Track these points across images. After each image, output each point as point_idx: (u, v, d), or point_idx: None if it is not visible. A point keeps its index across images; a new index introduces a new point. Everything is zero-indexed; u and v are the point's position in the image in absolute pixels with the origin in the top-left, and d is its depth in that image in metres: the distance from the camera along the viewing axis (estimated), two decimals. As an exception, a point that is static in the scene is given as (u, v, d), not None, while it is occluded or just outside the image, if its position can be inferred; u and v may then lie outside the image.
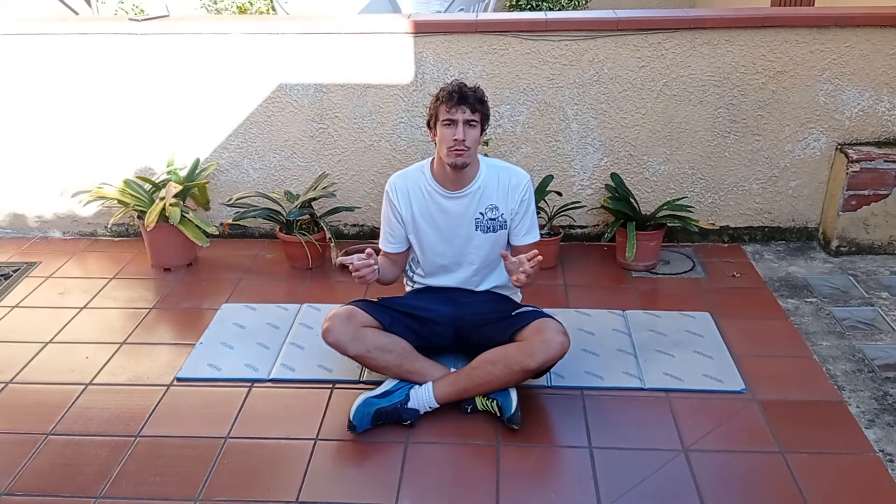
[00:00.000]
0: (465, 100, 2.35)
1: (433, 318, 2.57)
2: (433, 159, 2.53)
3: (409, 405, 2.39)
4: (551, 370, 2.48)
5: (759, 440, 2.31)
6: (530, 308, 2.53)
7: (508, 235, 2.57)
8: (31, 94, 3.57)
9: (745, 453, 2.25)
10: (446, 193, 2.50)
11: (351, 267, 2.30)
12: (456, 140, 2.36)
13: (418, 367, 2.48)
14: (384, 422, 2.38)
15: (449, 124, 2.37)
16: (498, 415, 2.39)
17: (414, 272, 2.71)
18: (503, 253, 2.38)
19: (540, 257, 2.28)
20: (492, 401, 2.40)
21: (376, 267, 2.35)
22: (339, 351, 2.43)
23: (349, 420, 2.34)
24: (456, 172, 2.43)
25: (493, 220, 2.53)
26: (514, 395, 2.39)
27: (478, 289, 2.64)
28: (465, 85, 2.39)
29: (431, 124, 2.46)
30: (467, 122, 2.36)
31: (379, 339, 2.45)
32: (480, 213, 2.52)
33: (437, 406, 2.41)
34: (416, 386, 2.43)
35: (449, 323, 2.58)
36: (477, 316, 2.57)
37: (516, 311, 2.53)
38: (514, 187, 2.51)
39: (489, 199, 2.50)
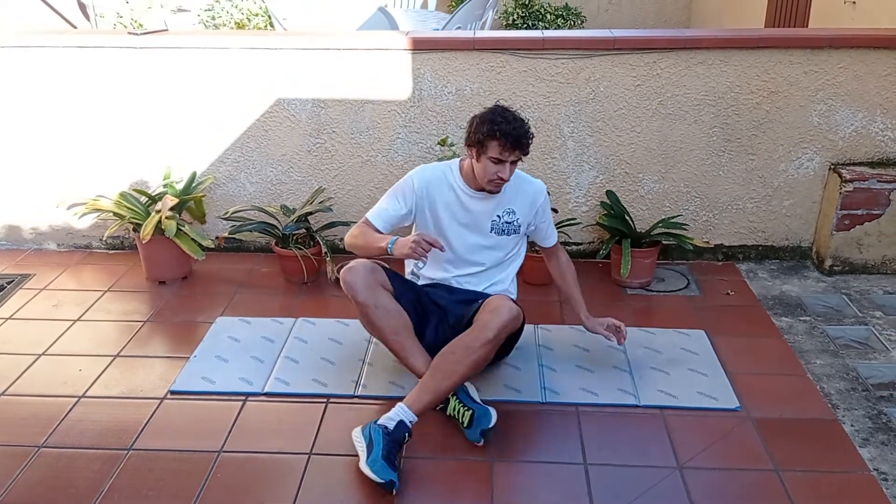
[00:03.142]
0: (521, 147, 2.43)
1: (431, 309, 2.64)
2: (463, 161, 2.62)
3: (394, 428, 2.27)
4: (509, 352, 2.63)
5: (754, 458, 2.31)
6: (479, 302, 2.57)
7: (533, 240, 2.78)
8: (28, 107, 3.58)
9: (740, 471, 2.25)
10: (473, 193, 2.59)
11: (427, 238, 2.37)
12: (501, 178, 2.47)
13: (408, 344, 2.52)
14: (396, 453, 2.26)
15: (497, 162, 2.44)
16: (465, 425, 2.35)
17: (419, 269, 2.74)
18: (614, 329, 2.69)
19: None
20: (467, 409, 2.36)
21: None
22: (350, 293, 2.47)
23: (381, 483, 2.15)
24: None
25: (509, 223, 2.63)
26: (493, 412, 2.35)
27: (478, 288, 2.68)
28: (522, 126, 2.43)
29: (475, 148, 2.46)
30: (513, 162, 2.46)
31: (389, 301, 2.51)
32: (497, 216, 2.61)
33: (416, 418, 2.31)
34: (390, 417, 2.29)
35: (440, 320, 2.64)
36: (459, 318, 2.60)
37: (476, 302, 2.57)
38: (533, 197, 2.66)
39: (510, 202, 2.62)
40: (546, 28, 7.13)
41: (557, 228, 3.45)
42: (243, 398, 2.60)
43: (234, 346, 2.91)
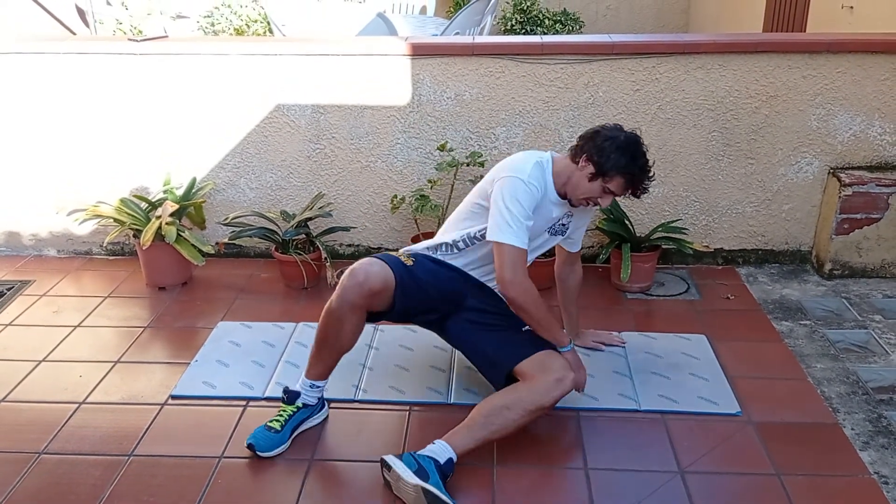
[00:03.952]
0: (638, 194, 2.45)
1: (442, 286, 2.46)
2: (554, 163, 2.44)
3: (445, 462, 2.17)
4: None
5: (755, 462, 2.31)
6: (529, 329, 2.45)
7: (564, 243, 2.69)
8: (28, 113, 3.58)
9: (741, 475, 2.25)
10: (557, 200, 2.47)
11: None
12: (599, 205, 2.46)
13: (324, 355, 2.38)
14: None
15: (607, 193, 2.39)
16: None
17: (445, 253, 2.53)
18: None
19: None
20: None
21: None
22: (341, 292, 2.26)
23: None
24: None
25: (564, 226, 2.57)
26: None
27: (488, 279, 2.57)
28: (651, 175, 2.43)
29: (595, 171, 2.34)
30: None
31: (354, 328, 2.31)
32: (557, 217, 2.52)
33: (454, 457, 2.19)
34: (435, 452, 2.19)
35: (451, 300, 2.49)
36: (483, 307, 2.49)
37: (525, 328, 2.45)
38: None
39: (572, 207, 2.52)
40: (544, 33, 7.16)
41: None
42: (244, 403, 2.60)
43: (234, 350, 2.91)
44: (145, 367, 2.84)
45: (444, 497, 2.05)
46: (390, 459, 2.15)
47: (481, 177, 3.40)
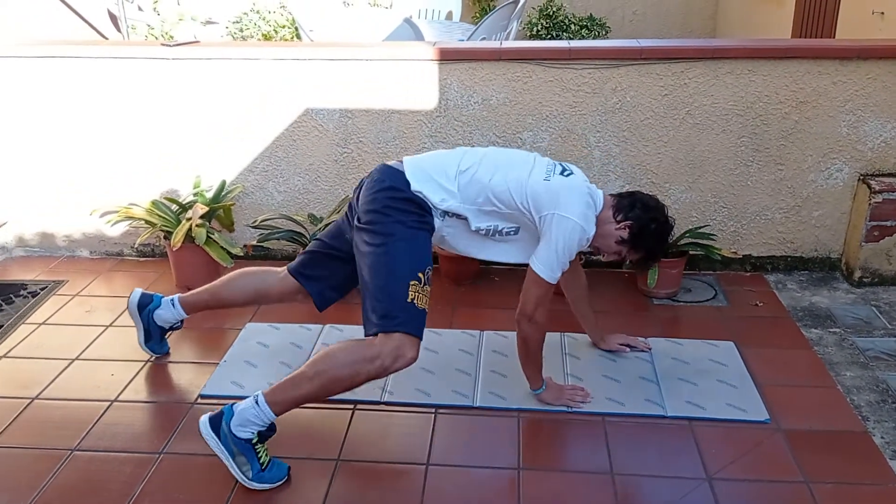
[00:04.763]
0: None
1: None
2: (601, 211, 2.46)
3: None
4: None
5: (784, 470, 2.29)
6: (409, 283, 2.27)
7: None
8: (63, 116, 3.65)
9: (770, 483, 2.24)
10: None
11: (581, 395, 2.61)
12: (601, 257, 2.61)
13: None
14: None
15: (618, 255, 2.52)
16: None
17: (443, 219, 2.44)
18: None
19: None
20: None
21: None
22: None
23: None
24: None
25: None
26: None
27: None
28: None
29: (631, 243, 2.45)
30: None
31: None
32: None
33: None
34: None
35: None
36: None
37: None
38: None
39: None
40: (570, 38, 7.16)
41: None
42: (272, 404, 2.63)
43: (262, 351, 2.94)
44: (175, 367, 2.88)
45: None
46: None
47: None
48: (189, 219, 3.38)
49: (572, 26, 7.41)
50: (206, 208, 3.44)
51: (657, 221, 2.47)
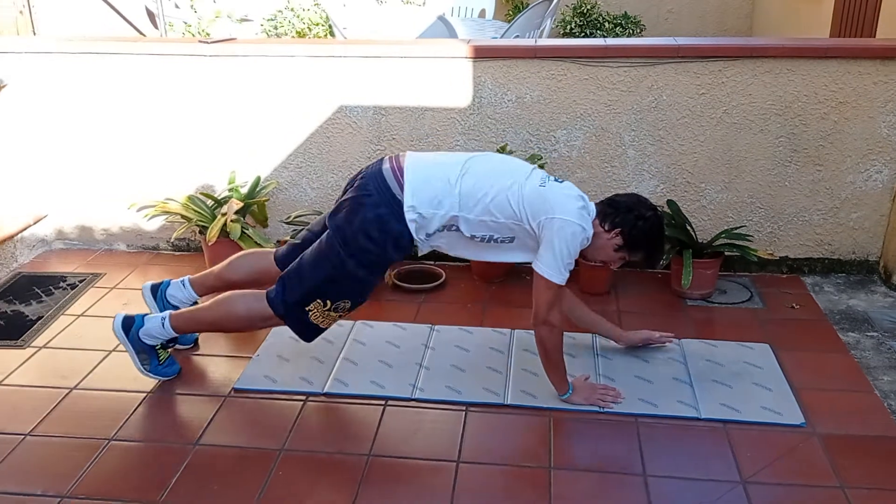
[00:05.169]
0: None
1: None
2: (594, 227, 2.50)
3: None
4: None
5: (819, 475, 2.26)
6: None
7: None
8: (102, 112, 3.71)
9: (805, 487, 2.21)
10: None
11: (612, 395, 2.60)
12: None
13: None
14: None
15: (624, 260, 2.58)
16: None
17: (429, 237, 2.53)
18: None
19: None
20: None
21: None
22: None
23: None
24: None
25: None
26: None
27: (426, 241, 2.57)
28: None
29: (623, 243, 2.50)
30: None
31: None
32: None
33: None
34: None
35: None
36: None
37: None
38: None
39: None
40: (604, 36, 7.10)
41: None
42: (304, 398, 2.65)
43: (295, 346, 2.96)
44: (209, 360, 2.91)
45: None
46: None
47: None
48: (224, 214, 3.42)
49: (606, 24, 7.34)
50: (241, 204, 3.48)
51: (643, 218, 2.49)
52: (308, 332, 2.60)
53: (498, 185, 2.45)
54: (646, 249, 2.55)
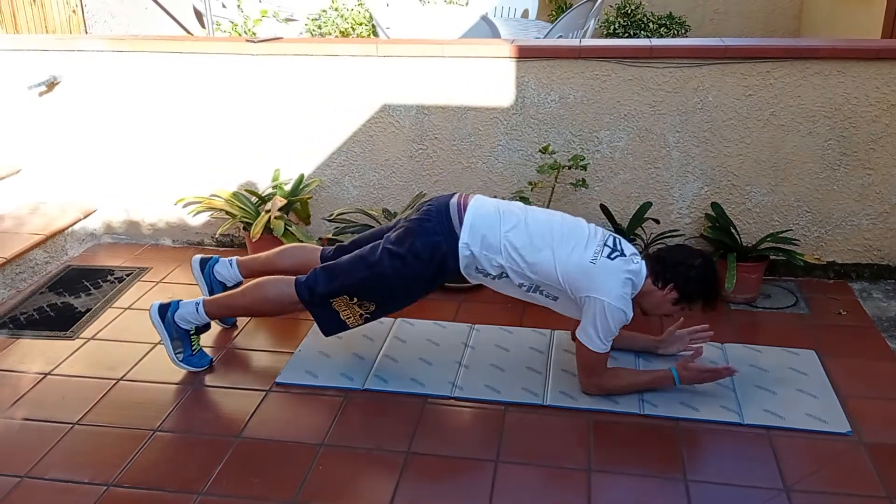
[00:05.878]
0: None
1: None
2: (644, 283, 2.55)
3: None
4: None
5: (865, 484, 2.21)
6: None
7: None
8: (150, 109, 3.79)
9: (851, 496, 2.16)
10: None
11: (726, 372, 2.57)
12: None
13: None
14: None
15: (684, 310, 2.63)
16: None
17: (477, 271, 2.62)
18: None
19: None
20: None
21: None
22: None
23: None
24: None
25: None
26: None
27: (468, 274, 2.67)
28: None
29: (681, 299, 2.56)
30: None
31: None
32: None
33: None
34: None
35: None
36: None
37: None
38: None
39: None
40: (649, 37, 7.03)
41: (659, 240, 3.43)
42: (344, 394, 2.67)
43: (336, 342, 2.99)
44: (252, 355, 2.95)
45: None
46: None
47: (583, 181, 3.39)
48: (268, 211, 3.47)
49: (651, 24, 7.26)
50: (285, 201, 3.52)
51: (693, 268, 2.54)
52: (328, 322, 2.68)
53: (546, 250, 2.52)
54: (703, 297, 2.58)
